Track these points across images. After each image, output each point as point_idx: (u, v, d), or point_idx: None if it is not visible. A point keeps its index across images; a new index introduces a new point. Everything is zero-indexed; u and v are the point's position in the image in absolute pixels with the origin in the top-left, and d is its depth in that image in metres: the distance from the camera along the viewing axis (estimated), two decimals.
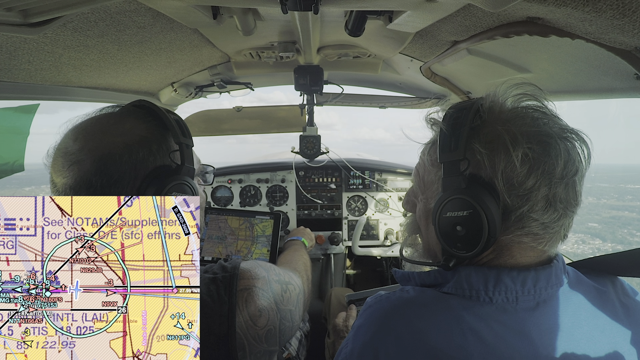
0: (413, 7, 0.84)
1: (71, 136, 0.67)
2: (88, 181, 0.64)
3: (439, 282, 0.63)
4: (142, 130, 0.69)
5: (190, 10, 0.90)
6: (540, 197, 0.55)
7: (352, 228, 2.20)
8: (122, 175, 0.66)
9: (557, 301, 0.58)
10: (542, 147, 0.55)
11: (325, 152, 2.09)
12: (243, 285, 0.70)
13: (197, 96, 2.00)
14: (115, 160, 0.65)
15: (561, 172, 0.55)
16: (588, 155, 0.59)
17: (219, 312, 0.66)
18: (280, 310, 0.76)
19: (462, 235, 0.58)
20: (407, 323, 0.57)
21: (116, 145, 0.66)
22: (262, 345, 0.71)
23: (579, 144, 0.58)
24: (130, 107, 0.74)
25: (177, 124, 0.73)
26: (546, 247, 0.59)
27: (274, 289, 0.76)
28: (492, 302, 0.56)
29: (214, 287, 0.68)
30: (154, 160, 0.69)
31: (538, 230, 0.56)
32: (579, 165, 0.57)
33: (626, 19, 0.55)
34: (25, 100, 1.14)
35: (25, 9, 0.67)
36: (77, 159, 0.64)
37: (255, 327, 0.70)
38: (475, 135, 0.58)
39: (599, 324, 0.58)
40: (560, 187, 0.55)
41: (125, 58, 1.12)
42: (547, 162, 0.55)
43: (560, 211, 0.56)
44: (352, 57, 1.65)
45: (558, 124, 0.59)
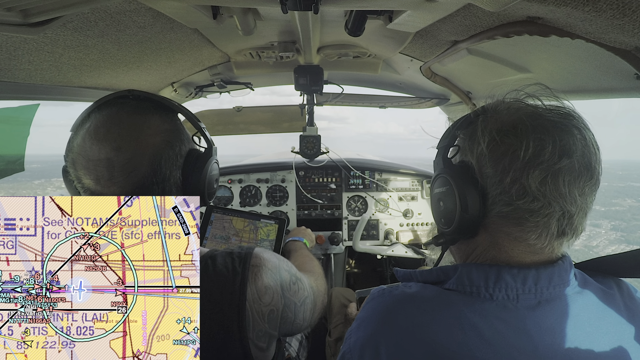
0: (413, 7, 0.84)
1: (109, 145, 0.65)
2: (149, 182, 0.68)
3: (441, 279, 0.64)
4: (166, 123, 0.73)
5: (190, 10, 0.90)
6: (510, 181, 0.56)
7: (352, 228, 2.20)
8: (171, 170, 0.71)
9: (560, 301, 0.58)
10: (513, 134, 0.56)
11: (325, 152, 2.09)
12: (255, 262, 0.75)
13: (197, 96, 2.00)
14: (165, 159, 0.70)
15: (531, 159, 0.54)
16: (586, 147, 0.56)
17: (232, 282, 0.70)
18: (285, 297, 0.78)
19: (443, 210, 0.66)
20: (409, 317, 0.57)
21: (159, 145, 0.70)
22: (264, 324, 0.73)
23: (577, 137, 0.56)
24: (135, 103, 0.72)
25: (185, 109, 0.79)
26: (539, 242, 0.57)
27: (283, 276, 0.80)
28: (493, 299, 0.57)
29: (230, 259, 0.72)
30: (185, 147, 0.75)
31: (517, 216, 0.57)
32: (562, 157, 0.54)
33: (626, 19, 0.55)
34: (25, 100, 1.14)
35: (25, 9, 0.67)
36: (133, 167, 0.66)
37: (260, 302, 0.73)
38: (463, 127, 0.65)
39: (602, 326, 0.58)
40: (535, 173, 0.54)
41: (125, 58, 1.12)
42: (514, 148, 0.55)
43: (542, 200, 0.55)
44: (352, 57, 1.65)
45: (546, 115, 0.57)
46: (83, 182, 0.66)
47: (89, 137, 0.66)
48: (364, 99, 2.24)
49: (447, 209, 0.64)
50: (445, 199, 0.64)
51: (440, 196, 0.66)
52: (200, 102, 2.14)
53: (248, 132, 2.33)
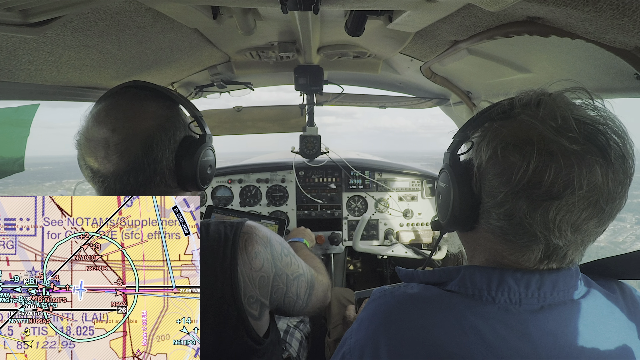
0: (413, 7, 0.84)
1: (107, 126, 0.71)
2: (140, 163, 0.71)
3: (443, 280, 0.63)
4: (163, 109, 0.77)
5: (190, 10, 0.90)
6: (501, 200, 0.54)
7: (352, 228, 2.20)
8: (163, 152, 0.74)
9: (564, 306, 0.57)
10: (517, 152, 0.53)
11: (325, 152, 2.09)
12: (246, 230, 0.79)
13: (197, 96, 2.00)
14: (156, 141, 0.73)
15: (526, 186, 0.51)
16: (609, 178, 0.50)
17: (224, 246, 0.75)
18: (276, 267, 0.82)
19: (441, 203, 0.68)
20: (409, 319, 0.57)
21: (153, 128, 0.74)
22: (255, 290, 0.77)
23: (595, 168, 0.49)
24: (135, 92, 0.78)
25: (183, 98, 0.83)
26: (525, 263, 0.57)
27: (274, 246, 0.84)
28: (495, 302, 0.56)
29: (222, 227, 0.78)
30: (179, 133, 0.78)
31: (502, 233, 0.56)
32: (563, 190, 0.49)
33: (626, 19, 0.55)
34: (25, 100, 1.14)
35: (25, 9, 0.67)
36: (125, 147, 0.71)
37: (251, 267, 0.77)
38: (479, 126, 0.62)
39: (605, 331, 0.57)
40: (525, 202, 0.52)
41: (125, 58, 1.12)
42: (511, 170, 0.52)
43: (527, 227, 0.53)
44: (352, 57, 1.65)
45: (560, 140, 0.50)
46: (85, 159, 0.73)
47: (91, 120, 0.73)
48: (364, 99, 2.24)
49: (443, 202, 0.66)
50: (444, 195, 0.66)
51: (440, 190, 0.68)
52: (201, 102, 2.13)
53: (248, 132, 2.33)
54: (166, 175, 0.76)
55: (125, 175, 0.71)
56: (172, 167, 0.76)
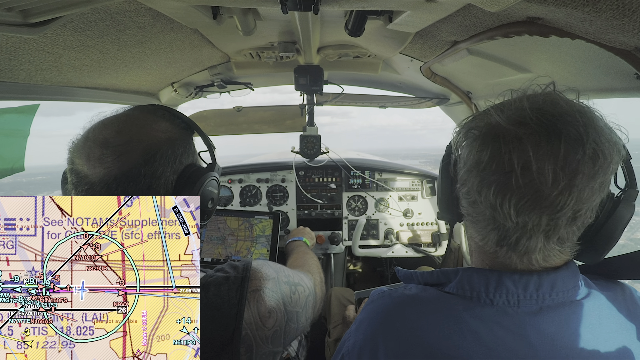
0: (413, 7, 0.84)
1: (112, 128, 0.67)
2: (136, 173, 0.65)
3: (441, 281, 0.63)
4: (177, 131, 0.73)
5: (190, 10, 0.90)
6: (462, 182, 0.60)
7: (352, 228, 2.20)
8: (165, 169, 0.68)
9: (563, 308, 0.56)
10: (471, 138, 0.58)
11: (325, 151, 2.09)
12: (254, 286, 0.72)
13: (197, 96, 2.00)
14: (160, 154, 0.68)
15: (471, 162, 0.56)
16: (558, 165, 0.49)
17: (227, 314, 0.66)
18: (288, 312, 0.77)
19: (437, 195, 0.74)
20: (407, 320, 0.57)
21: (160, 140, 0.69)
22: (268, 346, 0.72)
23: (542, 153, 0.49)
24: (153, 109, 0.76)
25: (198, 127, 0.80)
26: (487, 247, 0.59)
27: (283, 290, 0.78)
28: (493, 304, 0.56)
29: (226, 287, 0.68)
30: (187, 159, 0.73)
31: (471, 221, 0.60)
32: (499, 169, 0.51)
33: (626, 19, 0.55)
34: (26, 101, 1.14)
35: (25, 9, 0.67)
36: (126, 150, 0.65)
37: (264, 327, 0.71)
38: None
39: (605, 333, 0.56)
40: (473, 178, 0.56)
41: (125, 58, 1.12)
42: (467, 149, 0.58)
43: (480, 206, 0.56)
44: (352, 57, 1.65)
45: (508, 126, 0.52)
46: (75, 162, 0.66)
47: (99, 123, 0.69)
48: (364, 99, 2.24)
49: (437, 192, 0.74)
50: (437, 184, 0.74)
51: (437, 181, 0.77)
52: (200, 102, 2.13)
53: (249, 132, 2.33)
54: (160, 193, 0.68)
55: (114, 183, 0.63)
56: (169, 189, 0.69)
